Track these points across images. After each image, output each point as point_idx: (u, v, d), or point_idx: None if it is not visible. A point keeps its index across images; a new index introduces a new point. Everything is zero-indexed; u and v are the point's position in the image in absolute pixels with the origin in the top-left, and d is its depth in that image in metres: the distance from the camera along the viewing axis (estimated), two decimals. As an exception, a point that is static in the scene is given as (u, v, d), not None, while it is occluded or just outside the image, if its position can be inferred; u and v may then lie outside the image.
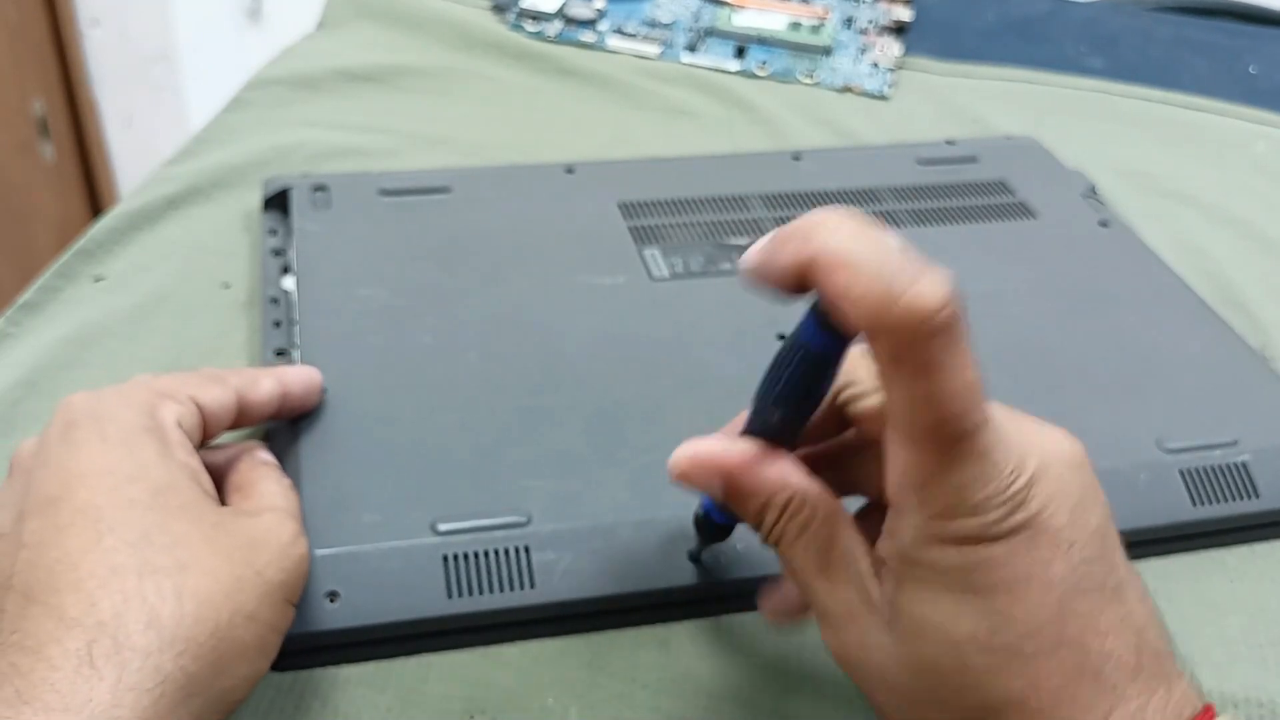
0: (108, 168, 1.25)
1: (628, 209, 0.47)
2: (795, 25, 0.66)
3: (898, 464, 0.24)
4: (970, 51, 0.67)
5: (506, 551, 0.32)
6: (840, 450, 0.29)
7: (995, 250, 0.47)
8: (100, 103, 1.21)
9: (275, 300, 0.42)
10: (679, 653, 0.32)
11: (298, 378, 0.35)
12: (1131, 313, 0.44)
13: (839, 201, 0.49)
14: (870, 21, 0.68)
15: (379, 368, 0.38)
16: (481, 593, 0.31)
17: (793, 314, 0.26)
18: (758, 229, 0.46)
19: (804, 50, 0.65)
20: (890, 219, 0.48)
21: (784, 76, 0.63)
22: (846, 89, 0.62)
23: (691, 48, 0.65)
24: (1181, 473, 0.36)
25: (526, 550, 0.32)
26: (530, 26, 0.65)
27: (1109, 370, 0.41)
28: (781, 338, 0.38)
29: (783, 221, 0.44)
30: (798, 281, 0.23)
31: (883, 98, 0.62)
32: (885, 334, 0.22)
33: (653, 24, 0.66)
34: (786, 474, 0.26)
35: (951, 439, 0.23)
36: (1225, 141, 0.59)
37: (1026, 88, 0.63)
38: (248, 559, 0.27)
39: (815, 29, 0.66)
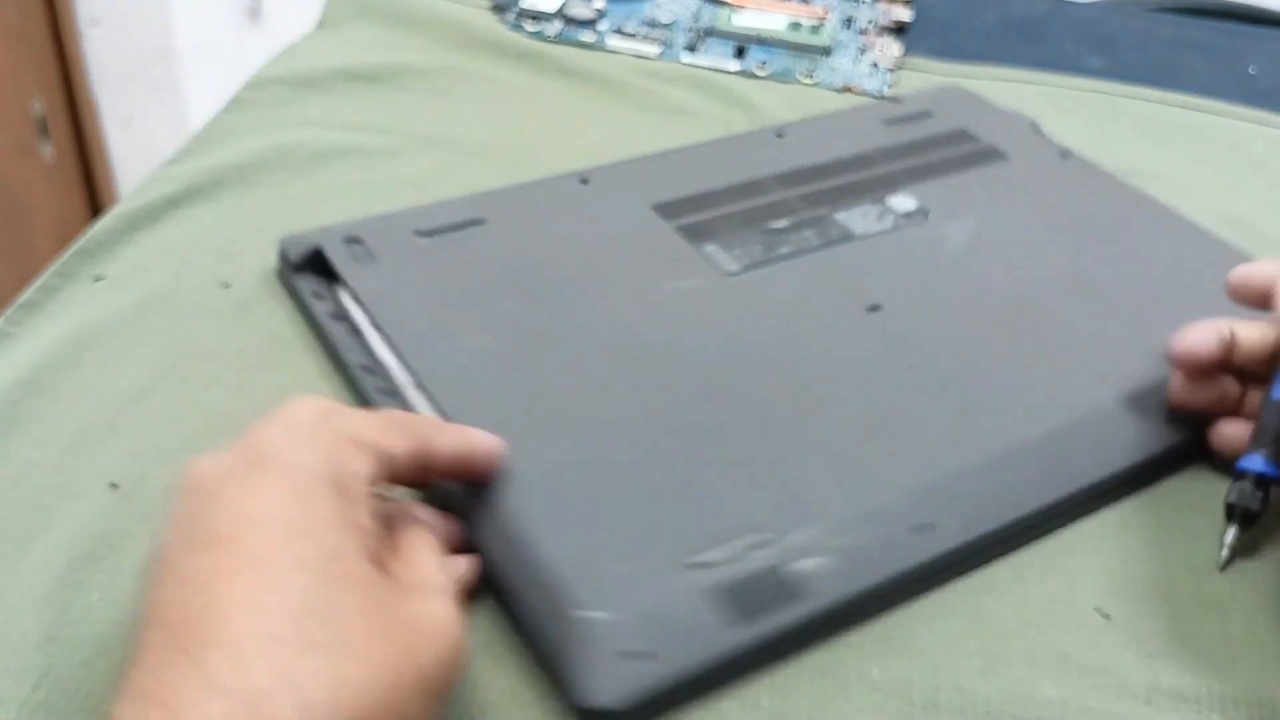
0: (108, 168, 1.25)
1: (663, 210, 0.47)
2: (795, 25, 0.66)
3: None
4: (970, 51, 0.67)
5: (769, 569, 0.32)
6: None
7: (997, 194, 0.50)
8: (100, 103, 1.21)
9: (369, 369, 0.39)
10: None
11: (483, 441, 0.33)
12: (1130, 232, 0.48)
13: (839, 170, 0.50)
14: (870, 22, 0.68)
15: (533, 416, 0.36)
16: (758, 616, 0.31)
17: (874, 282, 0.26)
18: (789, 210, 0.47)
19: (804, 50, 0.65)
20: (892, 181, 0.50)
21: (784, 76, 0.63)
22: (846, 89, 0.62)
23: (691, 48, 0.65)
24: None
25: (783, 563, 0.32)
26: (530, 26, 0.65)
27: (1152, 284, 0.45)
28: (872, 309, 0.42)
29: (807, 199, 0.48)
30: None
31: (882, 98, 0.62)
32: None
33: (653, 24, 0.66)
34: None
35: None
36: (1224, 142, 0.59)
37: (1026, 88, 0.63)
38: (409, 649, 0.25)
39: (815, 29, 0.66)
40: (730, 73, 0.63)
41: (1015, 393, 0.39)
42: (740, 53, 0.65)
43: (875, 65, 0.64)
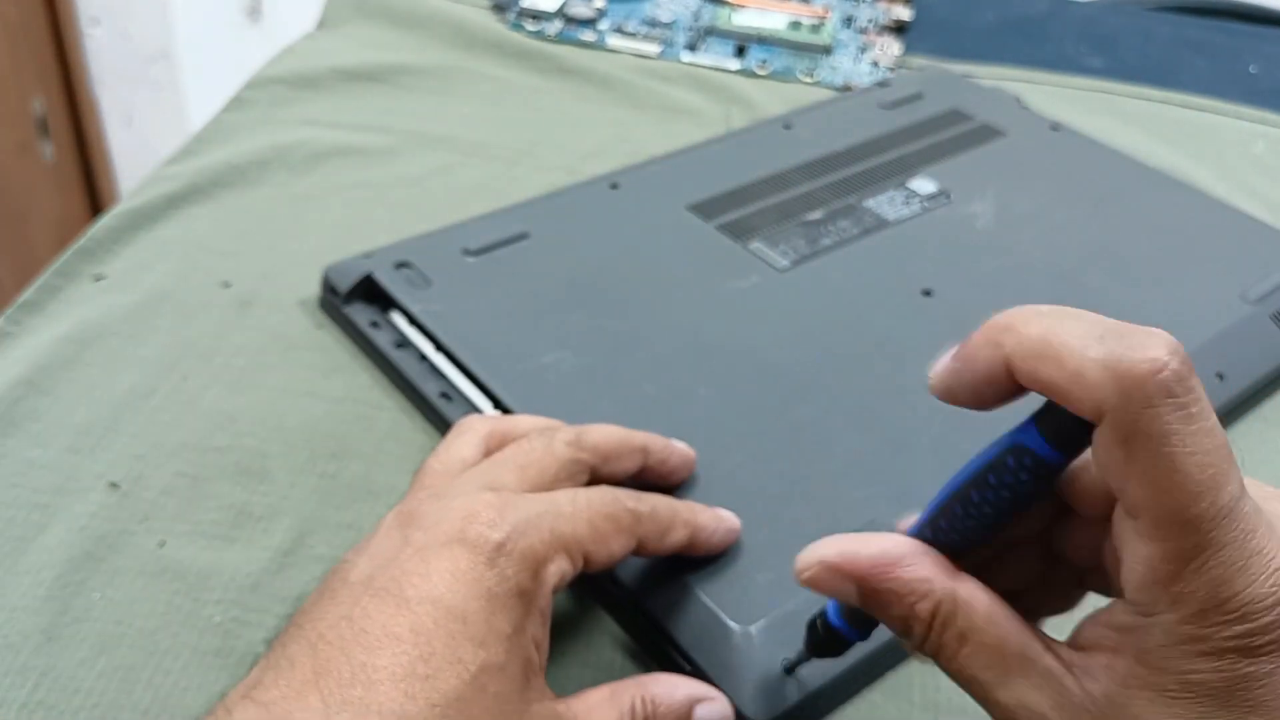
0: (108, 167, 1.25)
1: (699, 210, 0.47)
2: (795, 24, 0.66)
3: (1139, 559, 0.20)
4: (971, 51, 0.67)
5: None
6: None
7: (1006, 170, 0.51)
8: (100, 102, 1.21)
9: (448, 396, 0.38)
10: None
11: (710, 519, 0.31)
12: (1139, 199, 0.49)
13: (855, 157, 0.51)
14: (870, 21, 0.68)
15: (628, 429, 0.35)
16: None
17: (918, 267, 0.25)
18: (819, 201, 0.48)
19: (804, 49, 0.65)
20: (906, 164, 0.51)
21: (784, 75, 0.63)
22: (846, 88, 0.62)
23: (691, 47, 0.65)
24: (1273, 316, 0.43)
25: None
26: (530, 25, 0.65)
27: (1171, 245, 0.46)
28: (926, 293, 0.42)
29: (833, 189, 0.48)
30: (996, 391, 0.21)
31: (876, 85, 0.62)
32: (1112, 411, 0.19)
33: (653, 23, 0.66)
34: (931, 574, 0.23)
35: (1203, 522, 0.19)
36: (1225, 141, 0.59)
37: (1027, 87, 0.63)
38: None
39: (815, 28, 0.66)
40: (730, 72, 0.63)
41: None
42: (740, 52, 0.65)
43: (875, 64, 0.64)
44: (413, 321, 0.41)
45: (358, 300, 0.42)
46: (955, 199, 0.48)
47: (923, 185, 0.49)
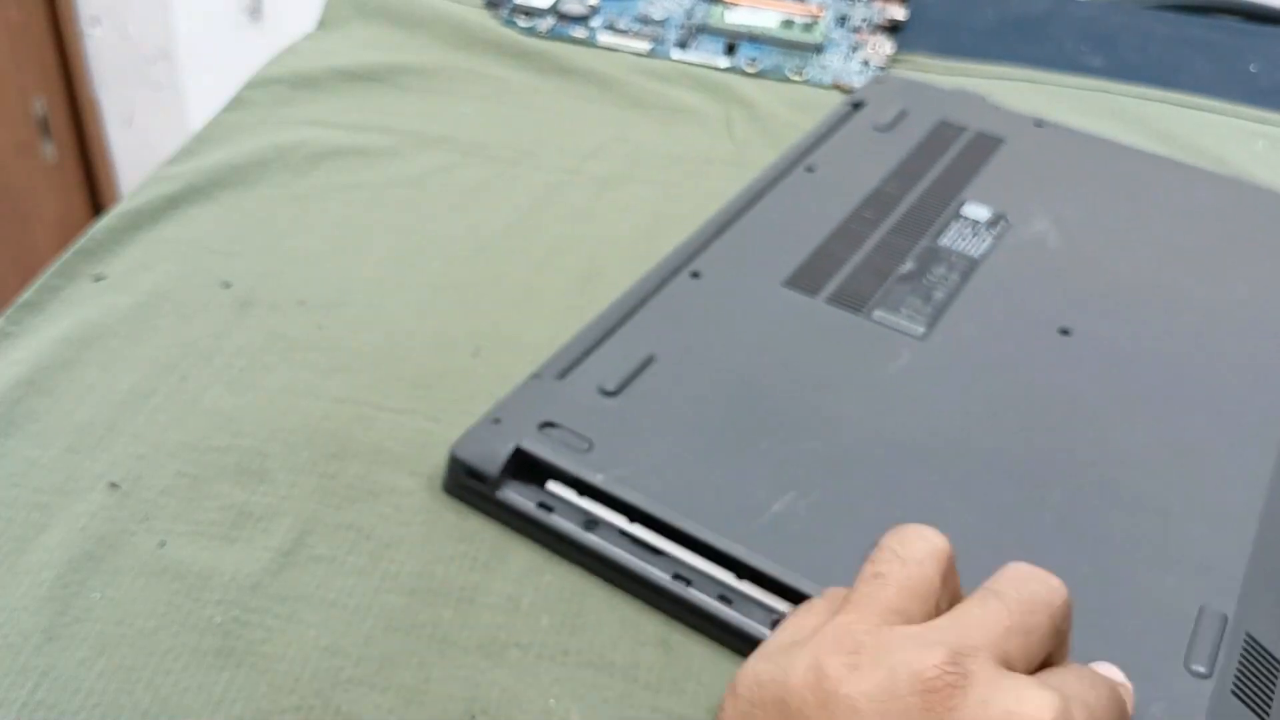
0: (108, 167, 1.25)
1: (796, 285, 0.44)
2: (788, 23, 0.66)
3: None
4: (969, 49, 0.67)
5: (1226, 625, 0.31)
6: None
7: (1035, 180, 0.52)
8: (101, 102, 1.21)
9: (685, 579, 0.33)
10: (680, 652, 0.32)
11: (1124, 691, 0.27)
12: (1178, 193, 0.51)
13: (896, 195, 0.50)
14: (864, 20, 0.68)
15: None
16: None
17: (1037, 304, 0.32)
18: (898, 251, 0.46)
19: (795, 48, 0.65)
20: (944, 192, 0.50)
21: (773, 73, 0.63)
22: (835, 86, 0.62)
23: (683, 44, 0.65)
24: None
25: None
26: (523, 22, 0.65)
27: (1238, 244, 0.48)
28: (1064, 332, 0.42)
29: (901, 233, 0.47)
30: None
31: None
32: None
33: (645, 20, 0.66)
34: None
35: None
36: (1225, 140, 0.59)
37: (1026, 86, 0.63)
38: None
39: (808, 27, 0.66)
40: (720, 69, 0.63)
41: (1260, 377, 0.41)
42: (731, 49, 0.65)
43: (866, 63, 0.64)
44: (587, 491, 0.35)
45: (508, 478, 0.36)
46: (1013, 220, 0.48)
47: (977, 212, 0.48)
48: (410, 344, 0.42)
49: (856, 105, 0.57)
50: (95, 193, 1.26)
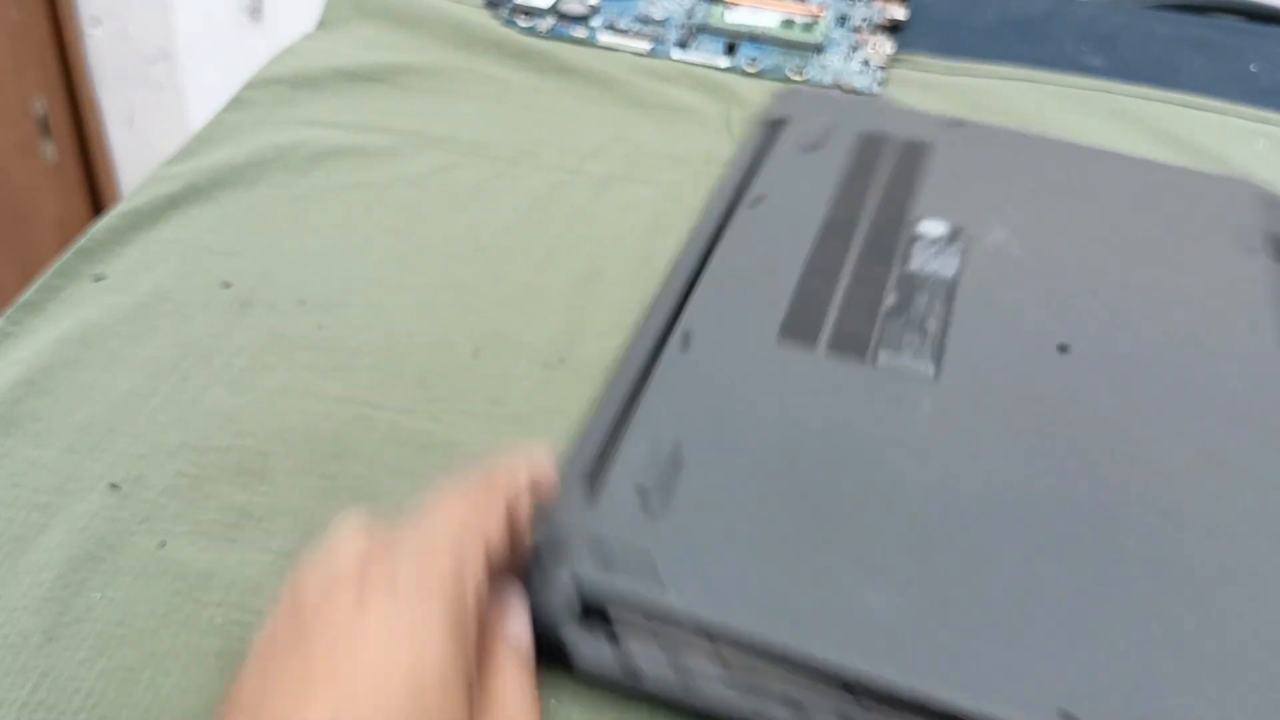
0: (109, 167, 1.25)
1: (791, 337, 0.41)
2: (788, 23, 0.66)
3: None
4: (969, 49, 0.67)
5: None
6: None
7: (974, 186, 0.51)
8: (101, 102, 1.21)
9: (800, 705, 0.31)
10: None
11: (535, 461, 0.32)
12: (1117, 184, 0.52)
13: (848, 220, 0.48)
14: (865, 20, 0.68)
15: (959, 626, 0.31)
16: None
17: (1027, 322, 0.33)
18: (871, 282, 0.44)
19: (795, 48, 0.65)
20: (895, 212, 0.48)
21: (773, 73, 0.63)
22: (835, 86, 0.62)
23: (683, 44, 0.65)
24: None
25: None
26: (523, 22, 0.65)
27: (1183, 232, 0.48)
28: (1062, 349, 0.41)
29: (867, 262, 0.46)
30: None
31: (871, 95, 0.62)
32: None
33: (645, 20, 0.66)
34: None
35: None
36: (1225, 140, 0.59)
37: (1026, 86, 0.63)
38: None
39: (808, 27, 0.66)
40: (720, 69, 0.63)
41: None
42: (731, 49, 0.65)
43: (866, 63, 0.64)
44: (665, 620, 0.31)
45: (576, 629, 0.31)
46: (971, 232, 0.47)
47: (934, 228, 0.47)
48: (410, 344, 0.42)
49: (775, 123, 0.55)
50: (95, 193, 1.26)
